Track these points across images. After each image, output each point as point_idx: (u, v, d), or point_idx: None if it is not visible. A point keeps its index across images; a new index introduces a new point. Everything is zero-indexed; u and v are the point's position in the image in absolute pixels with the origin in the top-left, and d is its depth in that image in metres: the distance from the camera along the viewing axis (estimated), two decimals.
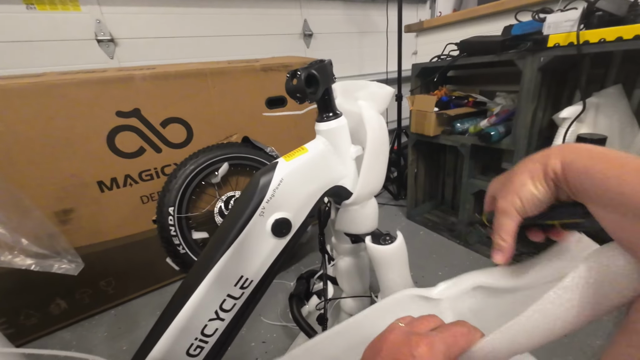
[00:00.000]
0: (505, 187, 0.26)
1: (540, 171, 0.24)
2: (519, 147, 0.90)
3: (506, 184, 0.26)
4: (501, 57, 0.89)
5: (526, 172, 0.25)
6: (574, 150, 0.22)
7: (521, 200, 0.24)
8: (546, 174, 0.23)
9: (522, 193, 0.24)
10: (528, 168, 0.25)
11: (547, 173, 0.23)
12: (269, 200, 0.43)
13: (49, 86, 0.80)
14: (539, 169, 0.24)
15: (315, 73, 0.41)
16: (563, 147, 0.23)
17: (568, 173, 0.22)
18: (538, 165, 0.24)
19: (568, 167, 0.22)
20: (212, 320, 0.44)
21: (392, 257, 0.50)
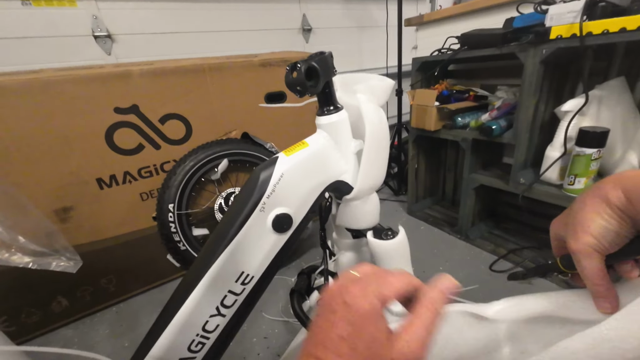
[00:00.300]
0: (572, 227, 0.24)
1: (603, 204, 0.22)
2: (521, 141, 0.90)
3: (572, 223, 0.24)
4: (502, 50, 0.88)
5: (588, 207, 0.23)
6: (631, 177, 0.22)
7: (594, 237, 0.22)
8: (610, 205, 0.22)
9: (593, 229, 0.23)
10: (587, 204, 0.23)
11: (610, 204, 0.22)
12: (270, 195, 0.42)
13: (46, 83, 0.79)
14: (600, 203, 0.22)
15: (315, 65, 0.40)
16: (617, 177, 0.23)
17: (634, 201, 0.21)
18: (597, 199, 0.23)
19: (631, 195, 0.21)
20: (213, 317, 0.44)
21: (394, 252, 0.50)
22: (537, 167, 0.92)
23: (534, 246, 1.05)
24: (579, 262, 0.24)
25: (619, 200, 0.22)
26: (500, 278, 0.96)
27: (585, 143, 0.77)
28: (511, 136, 0.92)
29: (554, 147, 0.86)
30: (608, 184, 0.23)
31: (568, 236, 0.24)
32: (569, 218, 0.25)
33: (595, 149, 0.76)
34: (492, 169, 1.10)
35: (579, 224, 0.23)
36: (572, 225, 0.24)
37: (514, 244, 1.09)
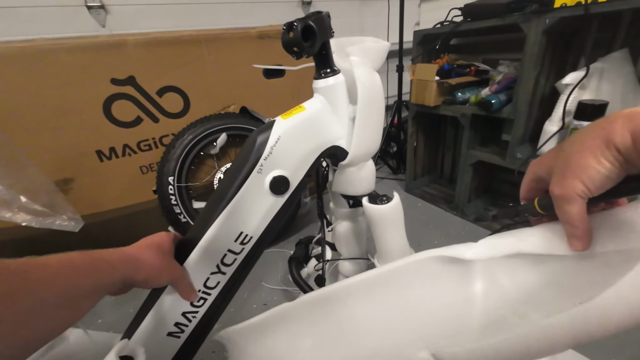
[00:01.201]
0: (561, 170, 0.23)
1: (603, 146, 0.21)
2: (519, 116, 0.90)
3: (563, 165, 0.23)
4: (505, 20, 0.86)
5: (585, 150, 0.21)
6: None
7: (584, 183, 0.21)
8: (611, 147, 0.20)
9: (585, 175, 0.21)
10: (586, 146, 0.22)
11: (612, 146, 0.20)
12: (267, 157, 0.43)
13: (39, 51, 0.78)
14: (601, 145, 0.21)
15: (312, 24, 0.40)
16: (629, 114, 0.20)
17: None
18: (598, 141, 0.21)
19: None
20: (214, 274, 0.46)
21: (388, 216, 0.51)
22: (535, 143, 0.92)
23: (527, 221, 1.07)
24: (561, 206, 0.23)
25: (624, 142, 0.20)
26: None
27: (583, 116, 0.76)
28: (510, 110, 0.92)
29: (552, 121, 0.86)
30: (616, 123, 0.20)
31: (554, 179, 0.24)
32: (559, 160, 0.24)
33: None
34: (490, 146, 1.10)
35: (572, 167, 0.22)
36: (561, 168, 0.23)
37: (508, 220, 1.11)
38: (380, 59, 0.47)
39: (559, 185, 0.23)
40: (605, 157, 0.21)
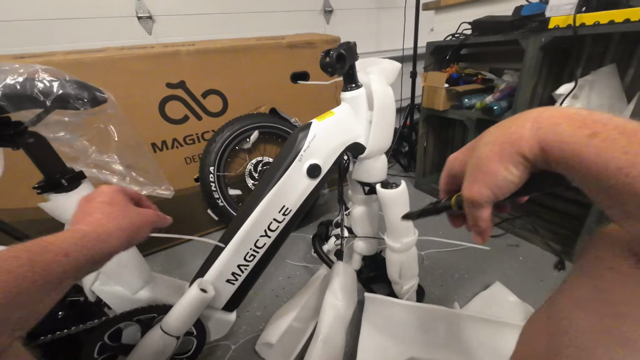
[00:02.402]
0: (473, 173, 0.24)
1: (512, 154, 0.21)
2: None
3: (474, 167, 0.24)
4: (507, 36, 0.97)
5: (495, 156, 0.22)
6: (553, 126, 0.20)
7: (492, 191, 0.23)
8: (519, 156, 0.21)
9: (493, 183, 0.22)
10: (496, 151, 0.22)
11: (520, 155, 0.21)
12: (306, 149, 0.58)
13: (113, 60, 0.96)
14: (511, 152, 0.21)
15: (344, 53, 0.54)
16: (537, 121, 0.21)
17: (552, 158, 0.20)
18: (507, 146, 0.22)
19: (550, 153, 0.20)
20: (262, 237, 0.61)
21: (396, 198, 0.65)
22: None
23: (524, 215, 1.18)
24: (469, 209, 0.25)
25: (533, 153, 0.21)
26: (493, 241, 1.10)
27: None
28: (510, 116, 1.03)
29: None
30: (525, 128, 0.21)
31: (465, 181, 0.25)
32: (472, 158, 0.25)
33: None
34: None
35: (481, 173, 0.23)
36: (473, 170, 0.24)
37: (507, 214, 1.22)
38: (393, 76, 0.61)
39: (469, 189, 0.24)
40: (513, 164, 0.22)
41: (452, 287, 0.92)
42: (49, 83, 0.39)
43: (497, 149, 0.23)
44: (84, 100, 0.42)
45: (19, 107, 0.37)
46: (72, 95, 0.41)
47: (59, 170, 0.44)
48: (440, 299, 0.89)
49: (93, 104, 0.44)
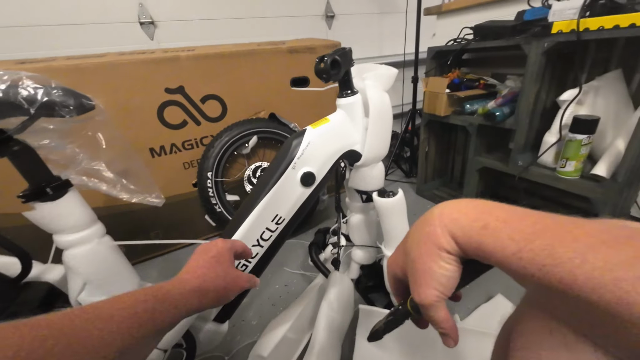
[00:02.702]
0: (413, 278, 0.25)
1: (437, 251, 0.24)
2: (521, 126, 0.99)
3: (412, 272, 0.25)
4: (509, 41, 0.95)
5: (425, 256, 0.24)
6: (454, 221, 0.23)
7: (437, 289, 0.24)
8: (443, 251, 0.23)
9: (435, 282, 0.24)
10: (423, 252, 0.24)
11: (443, 251, 0.23)
12: (299, 157, 0.56)
13: (114, 65, 0.96)
14: (435, 250, 0.24)
15: (338, 59, 0.53)
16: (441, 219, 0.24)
17: (465, 249, 0.22)
18: (431, 246, 0.24)
19: (458, 240, 0.23)
20: (254, 246, 0.60)
21: (393, 207, 0.63)
22: (535, 151, 1.01)
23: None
24: (426, 312, 0.25)
25: (450, 245, 0.23)
26: None
27: (577, 129, 0.85)
28: (512, 122, 1.01)
29: (551, 132, 0.95)
30: (436, 226, 0.24)
31: (411, 286, 0.26)
32: (407, 263, 0.26)
33: (585, 135, 0.84)
34: (496, 153, 1.19)
35: (420, 274, 0.24)
36: (412, 275, 0.25)
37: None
38: (389, 83, 0.59)
39: (417, 293, 0.25)
40: (443, 260, 0.24)
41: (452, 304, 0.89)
42: (34, 90, 0.38)
43: (423, 249, 0.25)
44: (70, 108, 0.41)
45: (1, 115, 0.36)
46: (57, 102, 0.40)
47: (44, 179, 0.43)
48: None
49: (79, 111, 0.43)
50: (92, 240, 0.50)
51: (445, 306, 0.25)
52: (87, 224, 0.49)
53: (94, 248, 0.49)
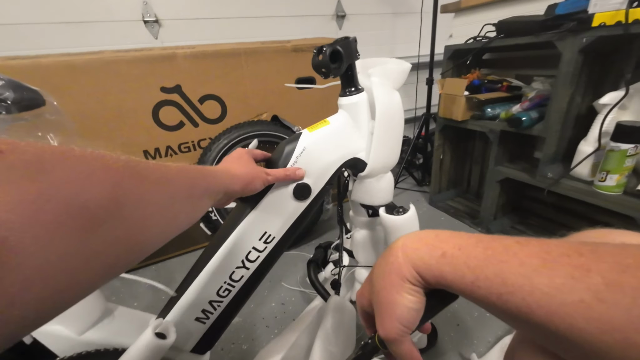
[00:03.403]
0: (379, 311, 0.25)
1: (400, 283, 0.24)
2: (551, 134, 0.87)
3: (377, 305, 0.25)
4: (539, 38, 0.85)
5: (389, 287, 0.24)
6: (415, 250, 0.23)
7: (401, 323, 0.24)
8: (406, 282, 0.23)
9: (398, 314, 0.24)
10: (387, 283, 0.24)
11: (407, 281, 0.23)
12: (292, 166, 0.48)
13: (107, 62, 0.90)
14: (400, 282, 0.24)
15: (339, 49, 0.44)
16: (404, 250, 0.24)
17: (427, 279, 0.23)
18: (394, 277, 0.24)
19: (420, 271, 0.23)
20: (239, 268, 0.51)
21: (403, 227, 0.53)
22: (567, 162, 0.89)
23: None
24: (391, 346, 0.25)
25: (412, 276, 0.23)
26: None
27: (621, 138, 0.73)
28: (541, 128, 0.89)
29: (587, 141, 0.83)
30: (399, 257, 0.24)
31: (376, 319, 0.26)
32: (373, 296, 0.26)
33: (631, 145, 0.72)
34: (520, 162, 1.08)
35: (384, 307, 0.24)
36: (377, 307, 0.25)
37: None
38: (401, 80, 0.50)
39: (381, 327, 0.25)
40: (406, 292, 0.23)
41: (471, 328, 0.78)
42: None
43: (387, 280, 0.24)
44: (8, 103, 0.34)
45: None
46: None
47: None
48: (455, 342, 0.75)
49: (22, 107, 0.36)
50: None
51: (410, 340, 0.25)
52: None
53: None
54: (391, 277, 0.24)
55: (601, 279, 0.15)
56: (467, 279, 0.20)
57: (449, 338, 0.77)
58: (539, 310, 0.17)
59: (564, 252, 0.17)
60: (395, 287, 0.24)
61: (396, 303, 0.24)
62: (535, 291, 0.17)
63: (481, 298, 0.19)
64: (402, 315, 0.24)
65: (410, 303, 0.23)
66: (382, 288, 0.25)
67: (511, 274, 0.18)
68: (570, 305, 0.16)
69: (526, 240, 0.19)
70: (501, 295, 0.18)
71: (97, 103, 0.92)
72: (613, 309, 0.15)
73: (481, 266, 0.19)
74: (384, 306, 0.25)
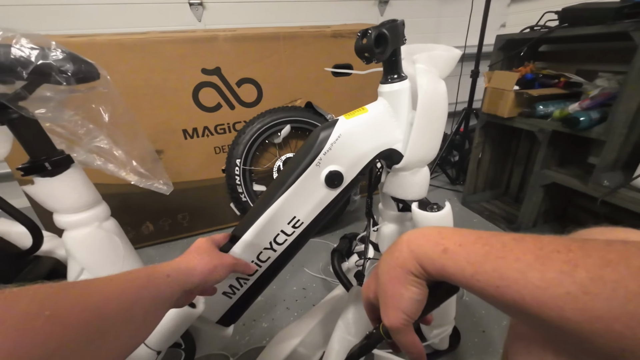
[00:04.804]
0: (383, 301, 0.27)
1: (405, 275, 0.25)
2: (613, 138, 0.78)
3: (382, 295, 0.27)
4: (612, 28, 0.75)
5: (394, 280, 0.26)
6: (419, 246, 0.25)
7: (405, 313, 0.25)
8: (410, 275, 0.25)
9: (402, 305, 0.25)
10: (392, 276, 0.26)
11: (411, 274, 0.25)
12: (326, 152, 0.47)
13: (152, 42, 0.94)
14: (404, 274, 0.25)
15: (385, 32, 0.42)
16: (409, 245, 0.25)
17: (430, 272, 0.24)
18: (399, 270, 0.25)
19: (423, 264, 0.24)
20: (266, 249, 0.52)
21: (436, 224, 0.51)
22: (629, 170, 0.80)
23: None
24: (394, 336, 0.27)
25: (417, 270, 0.24)
26: None
27: None
28: (602, 131, 0.80)
29: None
30: (404, 252, 0.25)
31: (381, 309, 0.27)
32: (378, 288, 0.27)
33: None
34: (570, 167, 0.98)
35: (389, 298, 0.26)
36: (382, 298, 0.27)
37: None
38: (449, 68, 0.47)
39: (385, 316, 0.27)
40: (410, 284, 0.25)
41: (497, 336, 0.75)
42: (28, 51, 0.34)
43: (392, 273, 0.26)
44: (68, 74, 0.36)
45: None
46: (54, 67, 0.35)
47: (45, 152, 0.40)
48: (479, 348, 0.72)
49: (80, 79, 0.38)
50: (91, 224, 0.46)
51: (413, 331, 0.26)
52: (88, 205, 0.46)
53: (92, 232, 0.46)
54: (396, 270, 0.26)
55: (586, 273, 0.17)
56: (467, 273, 0.22)
57: (472, 344, 0.74)
58: (532, 301, 0.18)
59: (555, 248, 0.19)
60: (400, 279, 0.25)
61: (401, 294, 0.25)
62: (529, 285, 0.18)
63: (480, 290, 0.21)
64: (406, 305, 0.25)
65: (414, 294, 0.25)
66: (388, 280, 0.26)
67: (507, 269, 0.20)
68: (559, 297, 0.17)
69: (521, 237, 0.21)
70: (498, 287, 0.20)
71: (142, 80, 0.97)
72: (595, 300, 0.16)
73: (480, 262, 0.21)
74: (389, 297, 0.26)
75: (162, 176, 0.52)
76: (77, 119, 0.40)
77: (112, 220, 0.51)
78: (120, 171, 0.48)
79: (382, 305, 0.27)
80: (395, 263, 0.26)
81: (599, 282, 0.16)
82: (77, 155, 0.43)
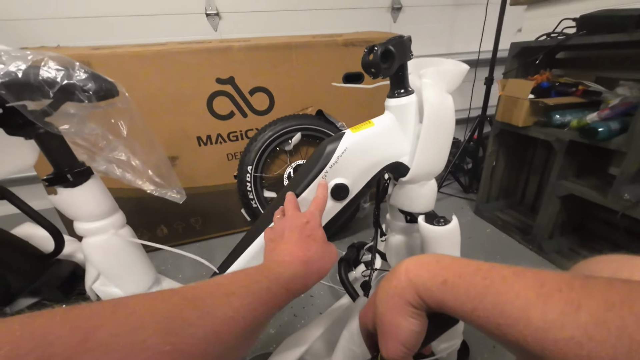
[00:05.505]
0: (382, 332, 0.26)
1: (404, 306, 0.24)
2: (635, 149, 0.75)
3: (380, 326, 0.26)
4: (633, 36, 0.72)
5: (392, 310, 0.25)
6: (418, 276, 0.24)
7: (405, 345, 0.25)
8: (409, 306, 0.24)
9: (401, 337, 0.25)
10: (391, 305, 0.25)
11: (410, 305, 0.24)
12: (332, 165, 0.48)
13: (171, 53, 0.98)
14: (403, 305, 0.24)
15: (392, 49, 0.42)
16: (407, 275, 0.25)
17: (429, 304, 0.24)
18: (397, 299, 0.25)
19: (426, 300, 0.24)
20: None
21: (443, 239, 0.51)
22: None
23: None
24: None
25: (416, 301, 0.24)
26: None
27: None
28: (622, 142, 0.77)
29: None
30: (403, 282, 0.25)
31: (380, 340, 0.26)
32: (376, 318, 0.27)
33: None
34: (589, 178, 0.95)
35: (388, 328, 0.25)
36: (380, 328, 0.26)
37: None
38: (456, 82, 0.47)
39: (384, 348, 0.26)
40: (408, 314, 0.24)
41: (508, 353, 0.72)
42: (55, 72, 0.36)
43: (391, 303, 0.25)
44: (90, 93, 0.39)
45: (19, 97, 0.35)
46: (77, 86, 0.38)
47: (67, 164, 0.43)
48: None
49: (101, 97, 0.41)
50: (107, 231, 0.49)
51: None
52: (105, 214, 0.48)
53: (109, 239, 0.48)
54: (394, 300, 0.25)
55: (590, 317, 0.16)
56: (467, 307, 0.21)
57: (482, 359, 0.72)
58: (534, 343, 0.18)
59: (557, 286, 0.18)
60: (398, 310, 0.25)
61: (399, 326, 0.25)
62: (531, 325, 0.18)
63: (480, 326, 0.21)
64: (405, 337, 0.25)
65: (413, 326, 0.25)
66: (386, 310, 0.26)
67: (509, 306, 0.19)
68: (562, 341, 0.16)
69: (522, 271, 0.21)
70: (499, 326, 0.19)
71: (159, 89, 1.01)
72: (600, 347, 0.15)
73: (480, 296, 0.21)
74: (388, 328, 0.25)
75: (175, 184, 0.54)
76: (97, 132, 0.43)
77: (127, 227, 0.54)
78: (137, 180, 0.51)
79: (381, 335, 0.27)
80: (393, 292, 0.25)
81: (603, 328, 0.16)
82: (97, 165, 0.46)
